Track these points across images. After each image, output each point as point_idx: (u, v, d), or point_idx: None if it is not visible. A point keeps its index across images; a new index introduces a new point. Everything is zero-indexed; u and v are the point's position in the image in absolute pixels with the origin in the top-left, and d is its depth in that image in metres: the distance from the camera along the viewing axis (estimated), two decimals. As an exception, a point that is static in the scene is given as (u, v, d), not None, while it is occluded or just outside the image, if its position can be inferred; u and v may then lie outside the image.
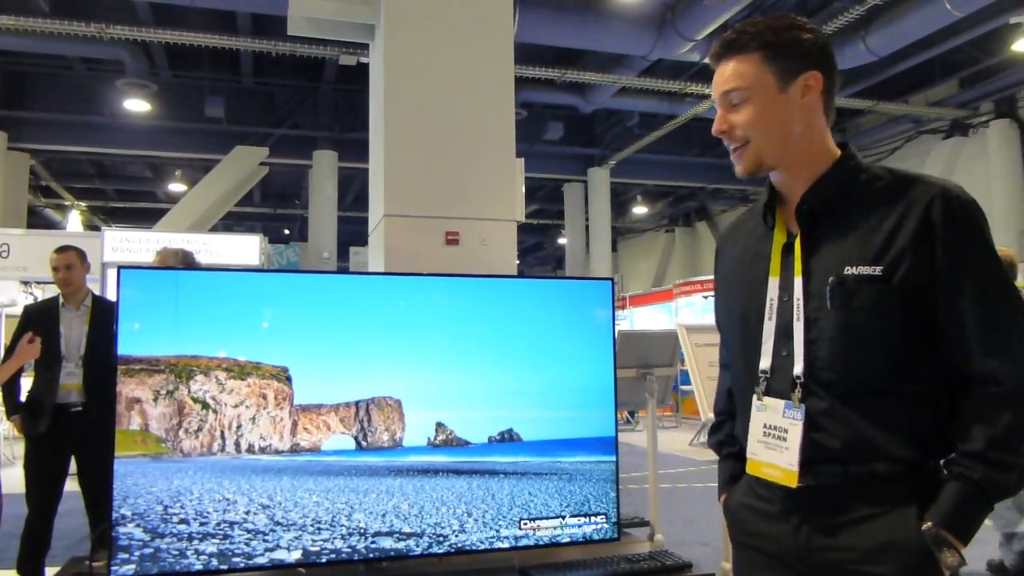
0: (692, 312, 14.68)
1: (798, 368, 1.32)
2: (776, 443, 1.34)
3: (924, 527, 1.21)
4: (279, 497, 2.06)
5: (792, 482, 1.30)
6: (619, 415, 2.66)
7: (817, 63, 1.36)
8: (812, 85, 1.36)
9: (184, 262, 3.69)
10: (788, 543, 1.34)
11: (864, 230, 1.31)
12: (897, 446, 1.25)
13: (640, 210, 19.12)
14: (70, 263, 4.00)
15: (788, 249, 1.39)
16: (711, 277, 1.69)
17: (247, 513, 2.03)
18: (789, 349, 1.34)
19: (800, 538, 1.32)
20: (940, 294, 1.25)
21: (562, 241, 19.14)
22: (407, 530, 2.13)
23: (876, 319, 1.26)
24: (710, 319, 1.75)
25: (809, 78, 1.35)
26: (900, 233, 1.27)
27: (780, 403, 1.34)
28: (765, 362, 1.38)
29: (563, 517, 2.28)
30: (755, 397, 1.39)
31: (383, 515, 2.13)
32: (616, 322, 2.46)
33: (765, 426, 1.37)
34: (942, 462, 1.27)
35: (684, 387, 12.06)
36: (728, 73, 1.38)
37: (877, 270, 1.26)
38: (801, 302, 1.33)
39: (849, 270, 1.28)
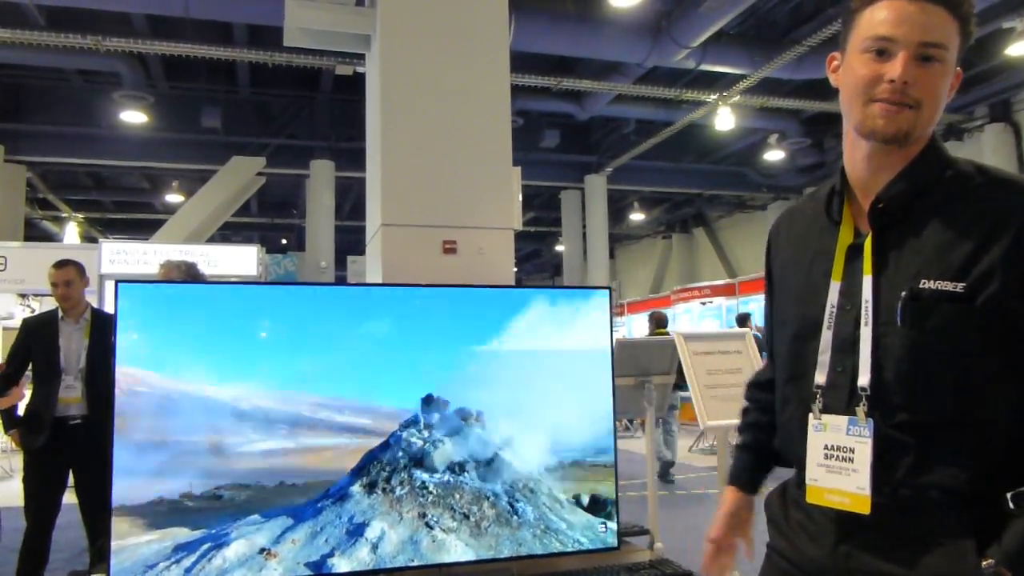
0: (690, 318, 14.69)
1: (863, 379, 1.17)
2: (841, 465, 1.20)
3: (984, 564, 1.07)
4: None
5: (864, 508, 1.16)
6: (618, 423, 2.66)
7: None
8: (955, 84, 1.23)
9: (188, 275, 3.70)
10: (825, 562, 1.23)
11: (947, 238, 1.14)
12: (956, 477, 1.12)
13: (637, 217, 19.15)
14: (69, 279, 4.00)
15: (855, 251, 1.23)
16: (708, 283, 1.66)
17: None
18: (846, 365, 1.21)
19: (838, 558, 1.21)
20: None
21: (559, 248, 19.14)
22: (403, 539, 2.13)
23: (951, 343, 1.12)
24: (708, 325, 1.74)
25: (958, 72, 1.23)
26: (990, 246, 1.11)
27: (842, 420, 1.20)
28: (821, 376, 1.25)
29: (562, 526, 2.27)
30: (811, 416, 1.25)
31: (379, 525, 2.12)
32: (615, 328, 2.46)
33: (826, 447, 1.22)
34: (1009, 495, 1.11)
35: (682, 394, 12.05)
36: (935, 22, 1.16)
37: (959, 287, 1.11)
38: (871, 311, 1.18)
39: (925, 284, 1.13)
